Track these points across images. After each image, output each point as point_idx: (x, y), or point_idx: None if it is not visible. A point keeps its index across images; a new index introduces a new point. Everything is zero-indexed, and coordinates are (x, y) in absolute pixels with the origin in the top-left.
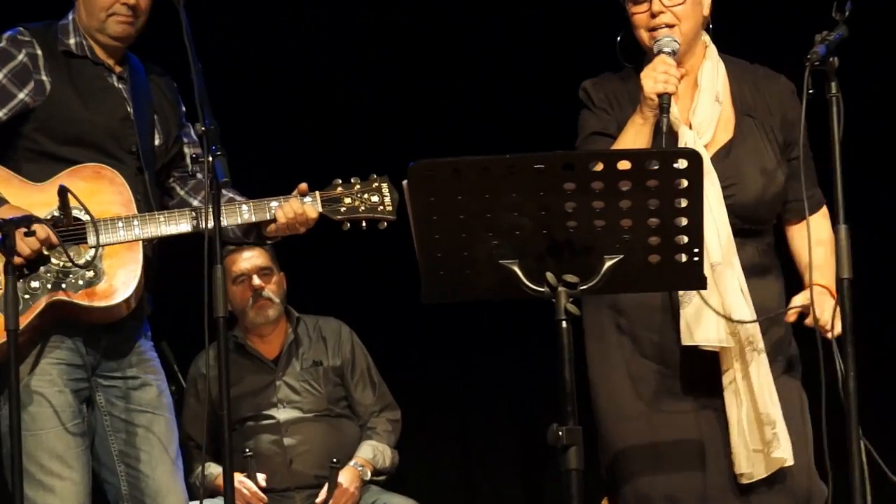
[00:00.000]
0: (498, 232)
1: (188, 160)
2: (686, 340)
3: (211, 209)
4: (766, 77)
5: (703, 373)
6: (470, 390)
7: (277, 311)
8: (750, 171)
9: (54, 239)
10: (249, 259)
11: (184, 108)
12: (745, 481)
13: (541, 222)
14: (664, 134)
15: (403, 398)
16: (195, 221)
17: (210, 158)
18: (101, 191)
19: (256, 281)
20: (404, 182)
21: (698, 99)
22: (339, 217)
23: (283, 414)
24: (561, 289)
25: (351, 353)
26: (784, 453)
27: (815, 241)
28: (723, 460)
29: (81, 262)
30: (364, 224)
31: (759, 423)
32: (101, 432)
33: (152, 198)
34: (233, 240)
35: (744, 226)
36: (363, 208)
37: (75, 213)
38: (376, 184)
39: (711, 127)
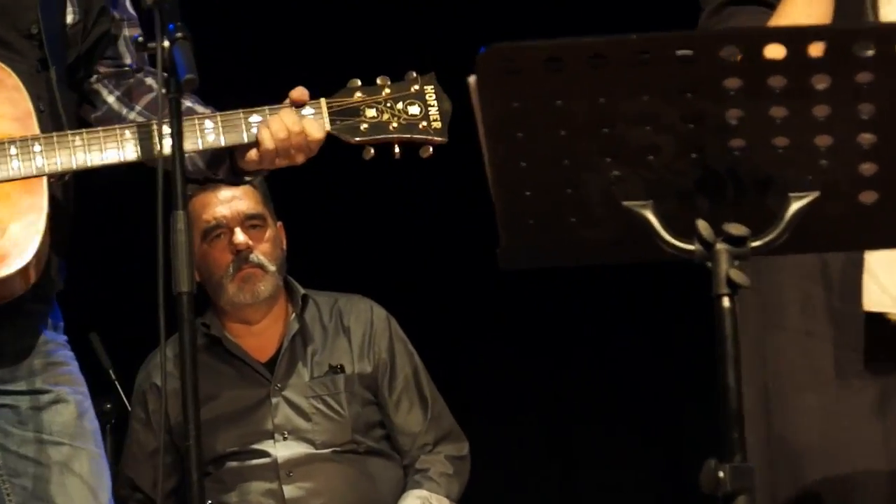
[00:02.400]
0: (621, 156)
1: (123, 47)
2: (870, 304)
3: (168, 123)
4: None
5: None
6: (575, 408)
7: (272, 286)
8: None
9: None
10: (229, 202)
11: None
12: None
13: (688, 141)
14: None
15: (471, 423)
16: (136, 145)
17: (165, 44)
18: None
19: (240, 237)
20: (471, 79)
21: None
22: (358, 139)
23: (283, 449)
24: (721, 246)
25: (389, 350)
26: None
27: None
28: None
29: None
30: (397, 149)
31: None
32: None
33: (62, 108)
34: (191, 173)
35: None
36: (396, 124)
37: None
38: (416, 86)
39: None
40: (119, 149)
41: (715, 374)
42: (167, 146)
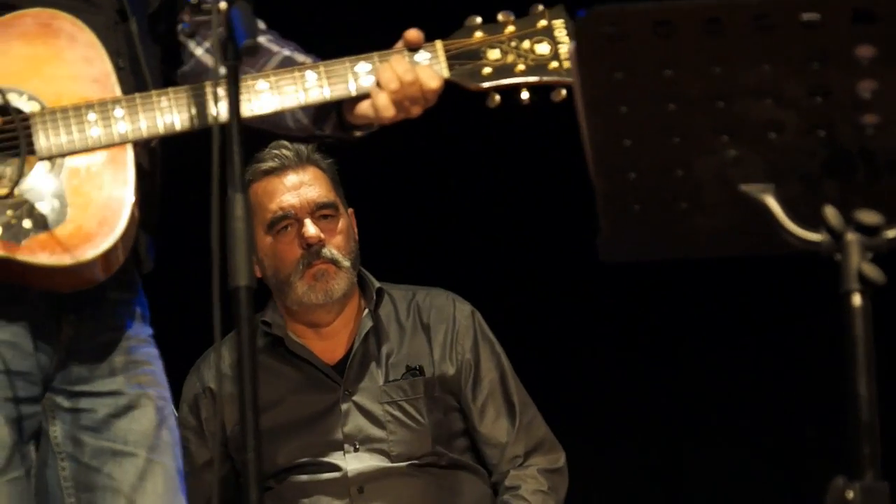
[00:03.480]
0: (738, 134)
1: None
2: None
3: (225, 94)
4: None
5: None
6: (683, 417)
7: (346, 283)
8: None
9: None
10: (297, 189)
11: None
12: None
13: (815, 117)
14: None
15: (567, 438)
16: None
17: (222, 5)
18: (55, 57)
19: (311, 229)
20: (569, 46)
21: None
22: (482, 84)
23: (353, 462)
24: (851, 236)
25: (473, 350)
26: None
27: None
28: None
29: (24, 187)
30: (525, 95)
31: None
32: (54, 488)
33: (145, 64)
34: (294, 131)
35: None
36: (523, 66)
37: (12, 98)
38: (543, 21)
39: None
40: (211, 108)
41: (843, 382)
42: (259, 105)
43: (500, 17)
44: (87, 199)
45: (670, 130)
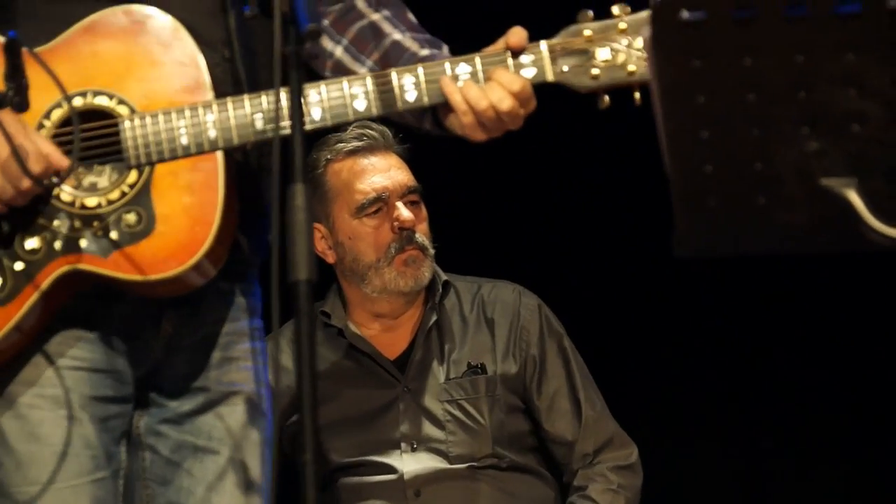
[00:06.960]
0: (820, 126)
1: None
2: None
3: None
4: None
5: None
6: (766, 425)
7: (431, 272)
8: None
9: (57, 158)
10: (387, 171)
11: None
12: None
13: None
14: None
15: (639, 428)
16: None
17: None
18: (147, 58)
19: (405, 213)
20: (645, 32)
21: None
22: (589, 84)
23: (410, 463)
24: None
25: (539, 346)
26: None
27: None
28: None
29: (114, 196)
30: (638, 95)
31: None
32: (134, 484)
33: (240, 57)
34: (405, 121)
35: None
36: (634, 67)
37: (100, 100)
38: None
39: None
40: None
41: None
42: (355, 110)
43: (614, 9)
44: (175, 208)
45: (749, 121)
